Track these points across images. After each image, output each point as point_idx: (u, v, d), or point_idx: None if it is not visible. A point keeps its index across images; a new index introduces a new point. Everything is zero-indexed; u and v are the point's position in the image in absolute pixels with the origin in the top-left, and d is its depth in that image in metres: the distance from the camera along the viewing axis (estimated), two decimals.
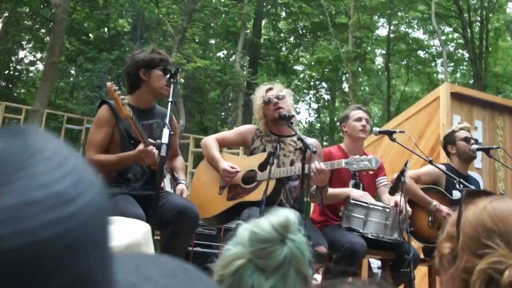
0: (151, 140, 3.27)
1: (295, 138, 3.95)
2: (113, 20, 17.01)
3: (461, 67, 23.36)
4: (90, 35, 18.28)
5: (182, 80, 16.48)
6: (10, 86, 18.67)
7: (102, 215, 0.40)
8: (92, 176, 0.41)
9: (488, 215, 1.24)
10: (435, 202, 4.30)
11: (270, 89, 3.95)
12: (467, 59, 21.48)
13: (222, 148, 4.11)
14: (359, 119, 4.27)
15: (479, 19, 20.27)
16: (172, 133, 3.10)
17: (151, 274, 0.49)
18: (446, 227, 1.35)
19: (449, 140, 4.69)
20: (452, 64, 22.57)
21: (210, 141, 4.01)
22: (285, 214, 1.35)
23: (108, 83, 3.11)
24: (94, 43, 17.42)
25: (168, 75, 3.37)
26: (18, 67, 19.65)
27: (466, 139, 4.58)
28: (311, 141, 3.72)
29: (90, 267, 0.38)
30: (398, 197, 3.90)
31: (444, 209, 4.26)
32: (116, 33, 17.64)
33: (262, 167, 3.56)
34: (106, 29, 18.27)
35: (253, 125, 4.14)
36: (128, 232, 1.79)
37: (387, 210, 3.82)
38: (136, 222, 1.94)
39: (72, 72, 17.68)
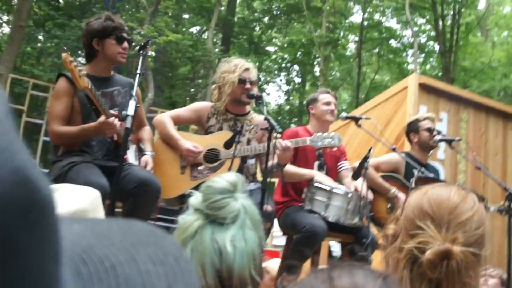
0: (112, 112, 3.24)
1: (249, 117, 3.97)
2: None
3: (431, 59, 23.64)
4: (60, 0, 17.85)
5: (153, 54, 16.27)
6: None
7: (2, 205, 0.35)
8: (3, 160, 0.35)
9: (427, 199, 1.31)
10: (393, 189, 4.38)
11: (248, 69, 3.88)
12: (437, 51, 21.73)
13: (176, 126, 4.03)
14: (327, 103, 4.31)
15: (451, 12, 20.49)
16: (138, 105, 3.07)
17: (141, 256, 0.46)
18: (396, 211, 1.40)
19: (412, 128, 4.76)
20: (423, 55, 22.82)
21: (165, 119, 3.92)
22: (234, 175, 1.42)
23: (64, 54, 3.05)
24: (64, 9, 16.99)
25: (137, 47, 3.32)
26: None
27: (429, 130, 4.65)
28: (261, 118, 3.75)
29: None
30: (359, 182, 3.96)
31: (402, 196, 4.34)
32: (87, 0, 17.26)
33: (228, 145, 3.55)
34: None
35: (208, 102, 4.09)
36: (75, 199, 1.76)
37: (349, 195, 3.88)
38: (84, 189, 1.90)
39: (40, 37, 17.26)
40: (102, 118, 3.17)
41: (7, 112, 0.37)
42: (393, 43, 23.90)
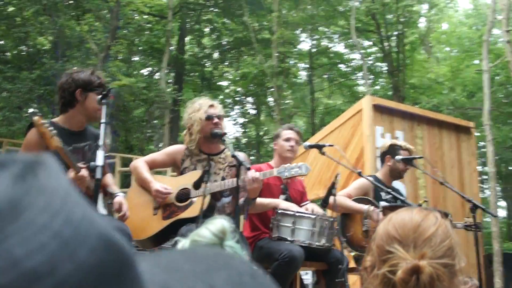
0: (80, 165, 3.24)
1: (223, 156, 4.03)
2: (33, 38, 16.51)
3: (380, 80, 24.23)
4: (8, 53, 17.65)
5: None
6: None
7: (98, 273, 0.36)
8: (87, 229, 0.37)
9: (392, 225, 1.39)
10: (366, 206, 4.46)
11: (212, 105, 3.97)
12: (385, 71, 22.33)
13: (152, 170, 4.09)
14: (288, 139, 4.42)
15: (395, 33, 21.15)
16: (106, 155, 3.10)
17: (217, 281, 0.48)
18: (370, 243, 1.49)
19: (392, 152, 4.83)
20: (372, 76, 23.39)
21: (140, 164, 4.00)
22: (221, 222, 1.44)
23: (35, 118, 3.05)
24: (13, 61, 16.79)
25: (100, 96, 3.35)
26: None
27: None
28: (241, 155, 3.81)
29: None
30: (313, 205, 4.13)
31: (377, 211, 4.44)
32: (36, 51, 17.10)
33: (197, 185, 3.60)
34: (25, 47, 17.70)
35: (181, 145, 4.14)
36: None
37: (313, 217, 3.95)
38: None
39: None
40: (71, 173, 3.17)
41: (70, 183, 0.40)
42: (343, 67, 24.44)
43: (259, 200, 4.06)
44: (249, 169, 3.52)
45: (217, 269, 0.49)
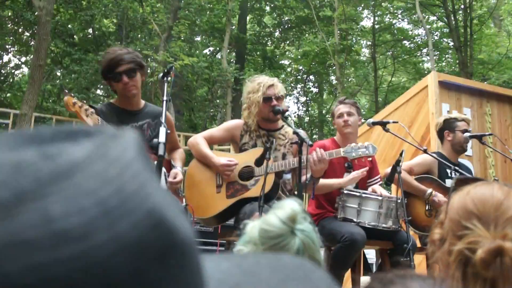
0: None
1: (283, 132, 3.98)
2: (98, 20, 16.90)
3: (446, 56, 23.45)
4: (75, 36, 18.16)
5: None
6: None
7: (136, 249, 0.34)
8: (137, 204, 0.35)
9: (470, 199, 1.30)
10: (430, 190, 4.33)
11: (272, 86, 3.89)
12: (452, 47, 21.55)
13: (211, 146, 4.07)
14: (340, 115, 4.28)
15: (462, 7, 20.34)
16: (169, 131, 3.12)
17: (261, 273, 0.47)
18: (439, 215, 1.40)
19: (449, 126, 4.65)
20: (438, 52, 22.65)
21: (199, 140, 3.98)
22: (290, 206, 1.37)
23: (65, 98, 3.06)
24: (80, 44, 17.28)
25: (161, 74, 3.38)
26: (3, 71, 19.46)
27: (465, 132, 4.59)
28: (302, 132, 3.76)
29: None
30: (377, 186, 4.02)
31: (440, 196, 4.30)
32: (101, 33, 17.52)
33: (259, 162, 3.57)
34: (91, 30, 18.17)
35: (239, 120, 4.11)
36: None
37: (380, 198, 3.87)
38: None
39: (59, 74, 17.57)
40: None
41: (138, 154, 0.38)
42: (407, 43, 23.78)
43: (324, 181, 4.00)
44: (311, 145, 3.46)
45: (293, 280, 0.49)
